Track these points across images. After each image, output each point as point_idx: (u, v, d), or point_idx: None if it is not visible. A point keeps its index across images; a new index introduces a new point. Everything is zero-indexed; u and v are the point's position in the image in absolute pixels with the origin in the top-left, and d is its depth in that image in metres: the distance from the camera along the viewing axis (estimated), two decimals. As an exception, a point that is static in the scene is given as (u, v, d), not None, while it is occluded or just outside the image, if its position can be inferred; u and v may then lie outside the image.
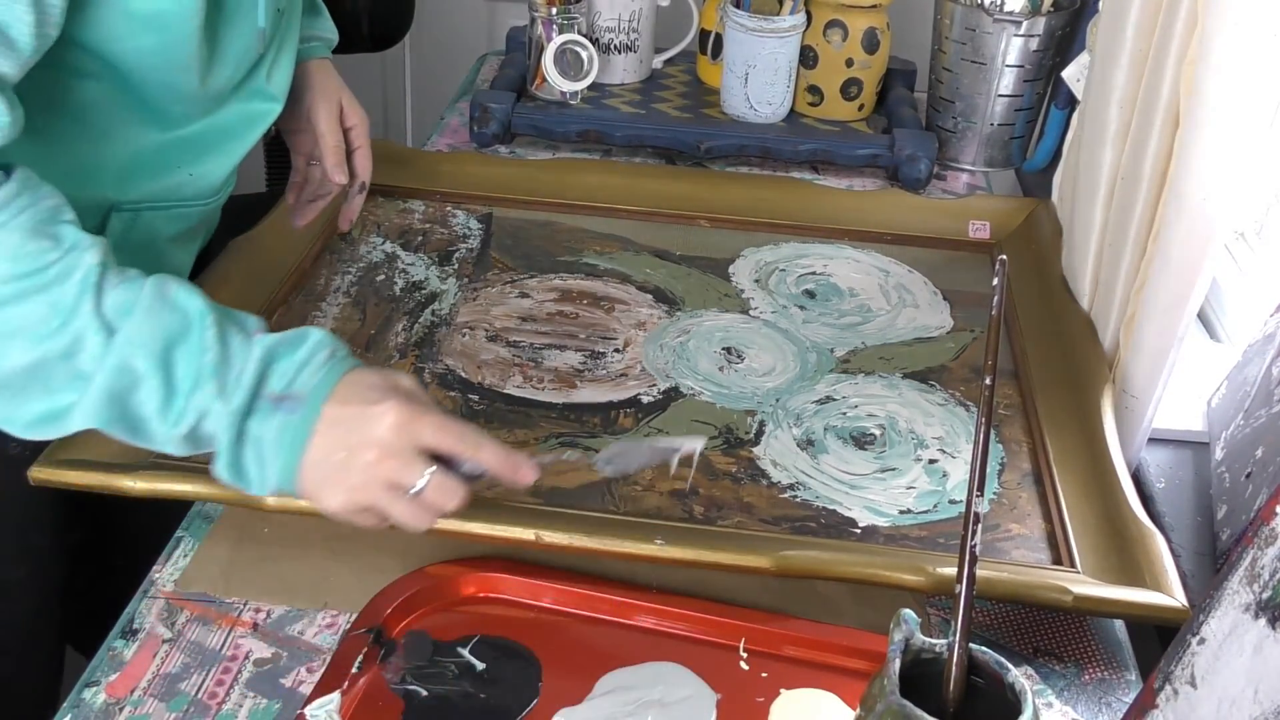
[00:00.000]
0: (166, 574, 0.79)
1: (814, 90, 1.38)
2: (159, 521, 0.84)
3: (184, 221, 0.92)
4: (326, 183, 1.03)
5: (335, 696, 0.69)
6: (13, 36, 0.67)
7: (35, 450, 0.81)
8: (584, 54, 1.36)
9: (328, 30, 1.06)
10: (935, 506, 0.86)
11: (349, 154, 1.02)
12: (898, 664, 0.58)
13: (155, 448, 0.71)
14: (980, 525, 0.58)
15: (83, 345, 0.66)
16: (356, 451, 0.68)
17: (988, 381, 0.57)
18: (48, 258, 0.67)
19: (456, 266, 1.12)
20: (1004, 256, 0.59)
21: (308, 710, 0.68)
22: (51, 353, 0.66)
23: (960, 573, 0.59)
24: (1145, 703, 0.62)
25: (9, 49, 0.67)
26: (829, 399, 0.97)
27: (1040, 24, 1.28)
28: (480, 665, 0.73)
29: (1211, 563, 0.85)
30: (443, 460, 0.70)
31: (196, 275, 0.98)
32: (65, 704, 0.71)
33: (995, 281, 0.57)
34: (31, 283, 0.66)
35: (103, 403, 0.67)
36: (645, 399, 0.96)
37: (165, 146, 0.86)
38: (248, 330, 0.71)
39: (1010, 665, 0.59)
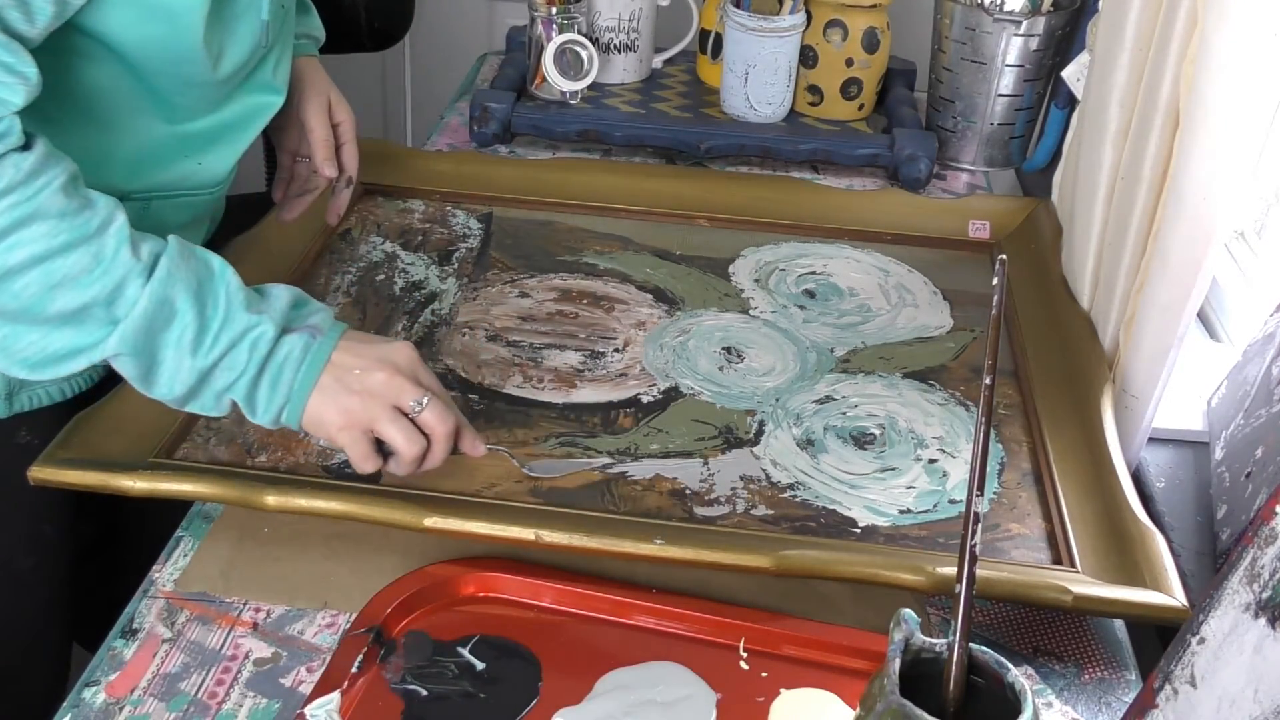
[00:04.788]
0: (166, 574, 0.79)
1: (814, 90, 1.38)
2: (170, 520, 0.85)
3: (191, 210, 0.94)
4: (314, 178, 1.04)
5: (335, 696, 0.69)
6: (31, 4, 0.72)
7: (45, 439, 0.83)
8: (584, 54, 1.36)
9: (316, 28, 1.08)
10: (935, 506, 0.86)
11: (337, 149, 1.03)
12: (898, 664, 0.58)
13: (158, 389, 0.76)
14: (980, 525, 0.58)
15: (124, 289, 0.73)
16: (371, 368, 0.77)
17: (987, 381, 0.57)
18: (85, 214, 0.73)
19: (456, 266, 1.12)
20: (1003, 256, 0.59)
21: (307, 710, 0.68)
22: (97, 297, 0.72)
23: (960, 572, 0.59)
24: (1145, 703, 0.62)
25: (27, 14, 0.72)
26: (829, 399, 0.97)
27: (1040, 24, 1.28)
28: (480, 665, 0.73)
29: (1211, 562, 0.85)
30: None
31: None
32: (65, 704, 0.71)
33: (995, 281, 0.57)
34: (76, 235, 0.72)
35: (136, 334, 0.73)
36: (645, 399, 0.96)
37: (174, 138, 0.88)
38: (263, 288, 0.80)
39: (1010, 665, 0.59)
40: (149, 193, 0.89)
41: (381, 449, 0.79)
